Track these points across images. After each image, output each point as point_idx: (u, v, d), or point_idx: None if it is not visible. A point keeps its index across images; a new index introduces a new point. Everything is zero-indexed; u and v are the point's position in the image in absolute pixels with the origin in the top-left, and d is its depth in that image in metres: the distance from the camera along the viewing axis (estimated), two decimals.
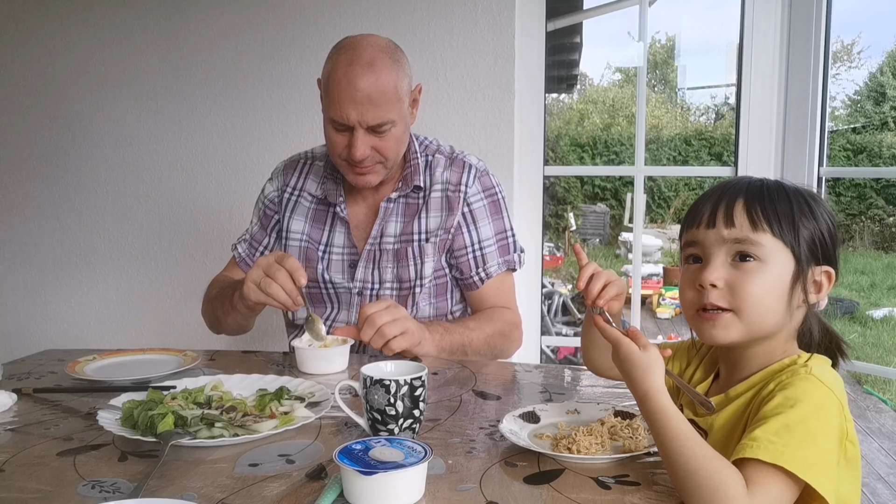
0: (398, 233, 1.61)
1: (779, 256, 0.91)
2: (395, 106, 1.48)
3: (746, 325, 0.91)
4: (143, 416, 1.01)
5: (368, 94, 1.44)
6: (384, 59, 1.47)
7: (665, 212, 13.56)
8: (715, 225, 0.92)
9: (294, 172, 1.71)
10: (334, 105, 1.46)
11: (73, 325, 2.63)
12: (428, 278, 1.62)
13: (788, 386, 0.86)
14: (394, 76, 1.47)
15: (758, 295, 0.90)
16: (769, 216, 0.91)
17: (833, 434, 0.83)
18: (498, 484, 0.88)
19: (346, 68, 1.45)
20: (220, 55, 2.43)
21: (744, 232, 0.91)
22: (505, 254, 1.65)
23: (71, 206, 2.59)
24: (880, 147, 13.01)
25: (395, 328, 1.35)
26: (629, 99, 16.99)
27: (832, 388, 0.86)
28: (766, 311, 0.91)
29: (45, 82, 2.55)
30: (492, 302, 1.64)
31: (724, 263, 0.92)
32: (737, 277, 0.91)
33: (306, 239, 1.66)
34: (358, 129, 1.46)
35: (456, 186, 1.61)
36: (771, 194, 0.92)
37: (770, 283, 0.91)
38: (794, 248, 0.91)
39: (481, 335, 1.55)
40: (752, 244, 0.91)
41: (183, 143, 2.50)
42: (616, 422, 1.02)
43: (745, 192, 0.93)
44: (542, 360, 3.15)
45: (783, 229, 0.90)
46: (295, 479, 0.89)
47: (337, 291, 1.65)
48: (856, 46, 18.51)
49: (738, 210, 0.92)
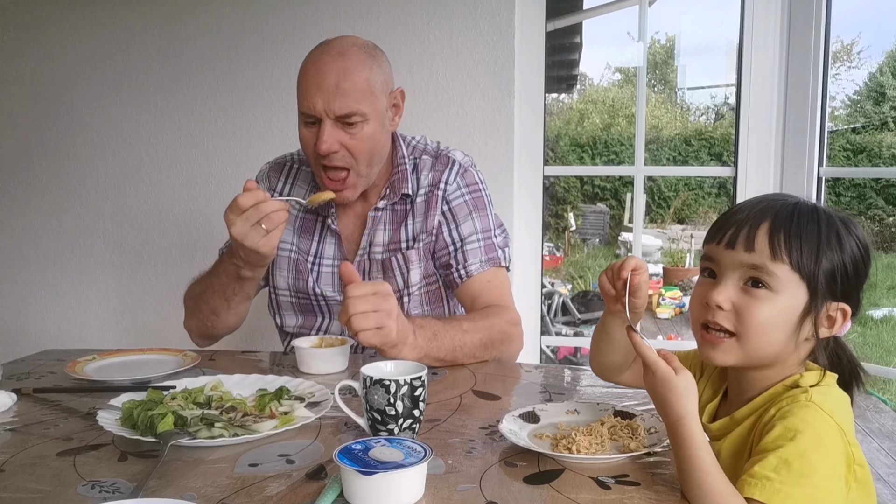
0: (386, 241, 1.57)
1: (792, 289, 0.89)
2: (365, 98, 1.43)
3: (745, 351, 0.91)
4: (142, 416, 1.01)
5: (336, 81, 1.40)
6: (356, 52, 1.44)
7: (665, 212, 13.56)
8: (734, 247, 0.90)
9: (280, 177, 1.66)
10: (302, 96, 1.43)
11: (73, 325, 2.63)
12: (416, 286, 1.57)
13: (788, 415, 0.85)
14: (366, 69, 1.43)
15: (762, 324, 0.89)
16: (791, 246, 0.88)
17: (834, 465, 0.82)
18: (498, 484, 0.88)
19: (317, 58, 1.44)
20: (220, 55, 2.43)
21: (762, 259, 0.89)
22: (490, 252, 1.57)
23: (71, 206, 2.59)
24: (880, 147, 13.01)
25: (368, 321, 1.20)
26: (629, 99, 16.99)
27: (832, 416, 0.84)
28: (768, 341, 0.90)
29: (45, 82, 2.55)
30: (484, 298, 1.54)
31: (735, 286, 0.91)
32: (745, 303, 0.90)
33: (295, 250, 1.61)
34: (325, 119, 1.42)
35: (436, 186, 1.56)
36: (800, 222, 0.89)
37: (777, 314, 0.89)
38: (811, 282, 0.88)
39: (476, 337, 1.42)
40: (766, 273, 0.89)
41: (183, 143, 2.50)
42: (616, 422, 1.02)
43: (773, 217, 0.90)
44: (542, 360, 3.15)
45: (802, 262, 0.88)
46: (295, 479, 0.89)
47: (328, 303, 1.61)
48: (856, 46, 18.52)
49: (760, 235, 0.89)
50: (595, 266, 10.72)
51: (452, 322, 1.43)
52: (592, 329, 1.31)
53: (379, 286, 1.25)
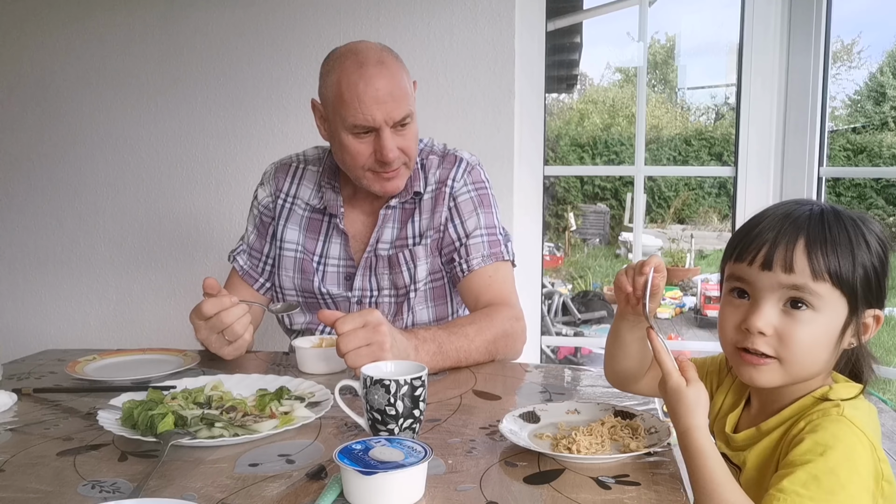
0: (393, 238, 1.58)
1: (834, 305, 0.86)
2: (410, 98, 1.49)
3: (789, 373, 0.89)
4: (143, 416, 1.01)
5: (389, 90, 1.43)
6: (390, 57, 1.48)
7: (665, 212, 13.57)
8: (772, 268, 0.87)
9: (287, 177, 1.66)
10: (354, 110, 1.43)
11: (73, 325, 2.63)
12: (422, 282, 1.59)
13: (819, 429, 0.83)
14: (402, 71, 1.49)
15: (808, 345, 0.87)
16: (830, 264, 0.85)
17: (864, 482, 0.80)
18: (498, 484, 0.88)
19: (359, 71, 1.43)
20: (220, 55, 2.43)
21: (803, 279, 0.85)
22: (494, 247, 1.57)
23: (71, 206, 2.59)
24: (880, 147, 13.02)
25: (361, 358, 1.17)
26: (629, 99, 16.98)
27: (864, 431, 0.82)
28: (813, 361, 0.88)
29: (45, 82, 2.55)
30: (486, 294, 1.54)
31: (774, 309, 0.87)
32: (787, 326, 0.87)
33: (301, 250, 1.61)
34: (384, 128, 1.44)
35: (443, 183, 1.58)
36: (833, 235, 0.86)
37: (820, 333, 0.87)
38: (852, 294, 0.86)
39: (481, 344, 1.42)
40: (809, 293, 0.86)
41: (183, 143, 2.50)
42: (616, 422, 1.02)
43: (807, 232, 0.86)
44: (542, 360, 3.15)
45: (842, 277, 0.85)
46: (295, 479, 0.89)
47: (335, 301, 1.61)
48: (856, 46, 18.50)
49: (798, 255, 0.86)
50: (595, 266, 10.72)
51: (457, 331, 1.41)
52: (592, 329, 1.32)
53: (368, 316, 1.21)
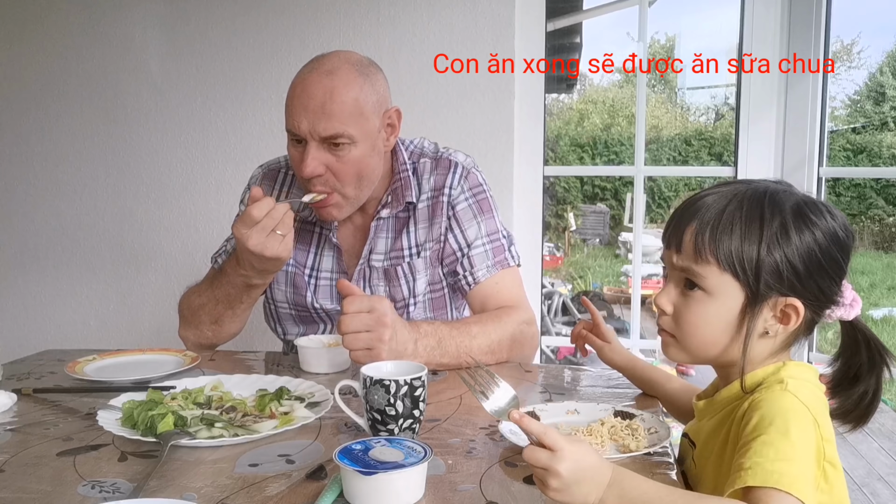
0: (387, 249, 1.52)
1: (727, 289, 0.86)
2: (354, 120, 1.35)
3: (688, 352, 0.92)
4: (143, 417, 1.01)
5: (322, 101, 1.33)
6: (347, 70, 1.37)
7: (665, 212, 13.56)
8: (670, 247, 0.91)
9: (275, 184, 1.60)
10: (287, 113, 1.37)
11: (73, 325, 2.63)
12: (422, 294, 1.53)
13: (763, 404, 0.83)
14: (355, 88, 1.36)
15: (696, 326, 0.89)
16: (716, 248, 0.85)
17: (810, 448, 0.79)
18: (498, 484, 0.88)
19: (305, 76, 1.37)
20: (220, 55, 2.43)
21: (688, 262, 0.87)
22: (498, 254, 1.52)
23: (71, 206, 2.59)
24: (880, 147, 13.03)
25: (359, 342, 1.19)
26: (629, 99, 16.97)
27: (808, 406, 0.82)
28: (706, 342, 0.90)
29: (45, 82, 2.55)
30: (494, 302, 1.49)
31: (676, 289, 0.91)
32: (681, 306, 0.90)
33: (293, 263, 1.54)
34: (310, 140, 1.35)
35: (439, 191, 1.51)
36: (731, 219, 0.85)
37: (711, 314, 0.88)
38: (749, 281, 0.85)
39: (484, 342, 1.38)
40: (694, 275, 0.87)
41: (183, 144, 2.50)
42: (616, 422, 1.02)
43: (701, 215, 0.87)
44: (542, 360, 3.15)
45: (734, 262, 0.84)
46: (295, 479, 0.89)
47: (329, 314, 1.57)
48: (856, 46, 18.50)
49: (686, 236, 0.87)
50: (595, 266, 10.73)
51: (461, 327, 1.38)
52: None
53: (376, 303, 1.21)
